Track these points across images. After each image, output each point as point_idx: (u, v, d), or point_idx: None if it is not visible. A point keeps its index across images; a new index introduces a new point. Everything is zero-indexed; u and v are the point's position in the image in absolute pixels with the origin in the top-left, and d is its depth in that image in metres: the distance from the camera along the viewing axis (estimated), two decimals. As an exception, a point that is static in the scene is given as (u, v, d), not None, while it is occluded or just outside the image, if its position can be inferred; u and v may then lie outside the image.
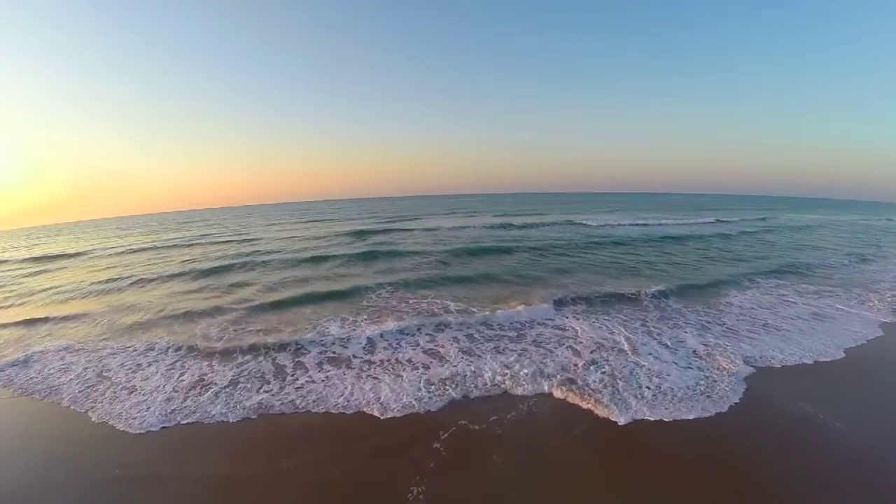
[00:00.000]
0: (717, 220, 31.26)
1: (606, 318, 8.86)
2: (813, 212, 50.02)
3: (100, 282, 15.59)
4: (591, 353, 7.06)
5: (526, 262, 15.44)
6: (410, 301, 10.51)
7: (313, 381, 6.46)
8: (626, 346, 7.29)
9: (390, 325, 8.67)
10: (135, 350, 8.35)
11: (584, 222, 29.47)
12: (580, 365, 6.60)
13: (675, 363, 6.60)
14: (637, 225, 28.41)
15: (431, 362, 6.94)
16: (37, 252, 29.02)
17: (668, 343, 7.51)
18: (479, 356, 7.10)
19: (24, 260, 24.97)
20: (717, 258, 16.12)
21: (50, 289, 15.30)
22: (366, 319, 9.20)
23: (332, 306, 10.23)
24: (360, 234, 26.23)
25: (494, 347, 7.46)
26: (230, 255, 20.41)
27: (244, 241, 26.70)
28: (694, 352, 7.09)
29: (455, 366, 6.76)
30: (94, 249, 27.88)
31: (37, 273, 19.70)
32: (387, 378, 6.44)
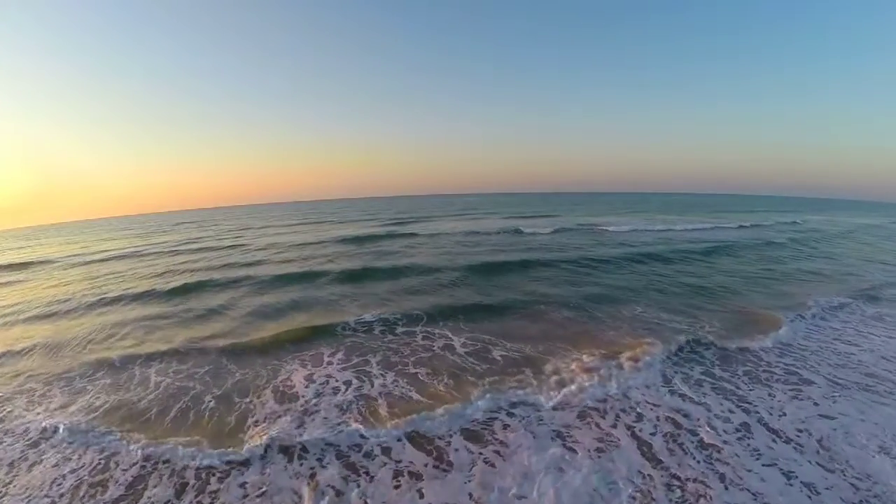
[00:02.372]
0: (753, 225, 28.49)
1: (680, 382, 6.37)
2: (837, 214, 47.28)
3: (56, 301, 13.68)
4: (678, 466, 4.56)
5: (557, 283, 12.72)
6: (407, 341, 8.20)
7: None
8: (736, 457, 4.84)
9: (376, 389, 6.34)
10: (43, 418, 6.19)
11: (604, 228, 26.93)
12: None
13: (826, 487, 4.08)
14: (666, 231, 25.72)
15: (428, 468, 4.59)
16: (10, 258, 27.18)
17: (775, 423, 5.10)
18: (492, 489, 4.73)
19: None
20: (777, 274, 13.58)
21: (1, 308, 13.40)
22: (343, 368, 6.95)
23: (308, 350, 7.93)
24: (359, 241, 24.12)
25: (523, 454, 5.10)
26: (214, 266, 18.48)
27: (233, 246, 24.79)
28: (819, 443, 4.65)
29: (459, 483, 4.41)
30: (74, 255, 26.12)
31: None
32: None
